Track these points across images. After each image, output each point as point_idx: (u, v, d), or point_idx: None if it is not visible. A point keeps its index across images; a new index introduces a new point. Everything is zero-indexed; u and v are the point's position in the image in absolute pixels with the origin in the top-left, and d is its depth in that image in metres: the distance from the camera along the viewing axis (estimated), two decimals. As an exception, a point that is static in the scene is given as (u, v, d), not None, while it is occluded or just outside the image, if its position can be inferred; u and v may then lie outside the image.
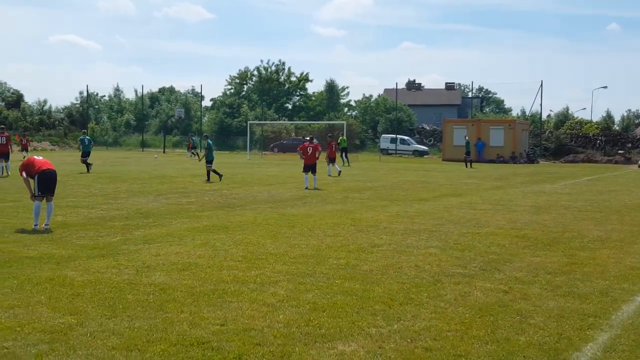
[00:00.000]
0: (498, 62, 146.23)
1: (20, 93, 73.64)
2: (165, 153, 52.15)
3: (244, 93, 73.52)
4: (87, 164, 25.70)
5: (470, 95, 76.08)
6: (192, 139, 47.95)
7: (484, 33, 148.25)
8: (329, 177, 25.09)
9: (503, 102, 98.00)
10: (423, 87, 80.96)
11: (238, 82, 74.53)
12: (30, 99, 78.97)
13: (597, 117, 79.26)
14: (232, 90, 74.36)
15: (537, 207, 15.69)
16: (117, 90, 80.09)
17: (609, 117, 73.79)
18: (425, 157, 51.40)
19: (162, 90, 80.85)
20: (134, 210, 13.64)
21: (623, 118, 79.21)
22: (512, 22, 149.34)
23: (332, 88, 71.31)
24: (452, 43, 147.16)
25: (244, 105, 66.73)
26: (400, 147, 53.47)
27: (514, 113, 76.63)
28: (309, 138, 22.53)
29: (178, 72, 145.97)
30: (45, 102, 71.80)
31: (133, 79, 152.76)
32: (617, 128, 69.70)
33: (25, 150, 32.77)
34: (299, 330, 5.59)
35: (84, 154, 26.24)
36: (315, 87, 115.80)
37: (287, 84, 73.79)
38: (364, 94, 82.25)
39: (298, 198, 17.02)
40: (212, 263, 8.32)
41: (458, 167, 35.83)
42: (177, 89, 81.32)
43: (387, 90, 71.21)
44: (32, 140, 48.14)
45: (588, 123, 62.16)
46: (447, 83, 79.86)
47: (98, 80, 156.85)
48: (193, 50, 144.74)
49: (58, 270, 7.75)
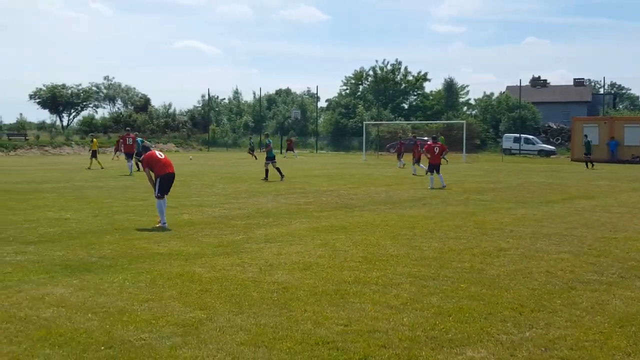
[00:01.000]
0: (633, 55, 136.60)
1: (148, 97, 78.43)
2: (282, 154, 53.41)
3: (360, 93, 73.63)
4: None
5: (602, 92, 71.69)
6: (250, 141, 48.62)
7: (616, 25, 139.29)
8: (414, 175, 25.99)
9: (638, 98, 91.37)
10: (549, 83, 77.20)
11: (353, 82, 74.75)
12: (157, 103, 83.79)
13: None
14: (347, 91, 74.69)
15: (679, 210, 14.42)
16: (236, 93, 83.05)
17: None
18: (552, 157, 48.93)
19: (278, 92, 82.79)
20: (255, 210, 14.00)
21: None
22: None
23: (450, 86, 69.72)
24: (580, 37, 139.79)
25: (360, 106, 66.90)
26: (525, 146, 51.40)
27: (652, 110, 71.53)
28: (433, 137, 22.45)
29: (294, 73, 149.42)
30: (170, 105, 75.63)
31: (251, 82, 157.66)
32: None
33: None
34: (425, 334, 5.43)
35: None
36: (433, 85, 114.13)
37: (403, 84, 73.10)
38: (485, 92, 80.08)
39: (417, 199, 16.75)
40: (332, 263, 8.33)
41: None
42: (293, 91, 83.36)
43: (509, 88, 68.67)
44: (158, 142, 50.80)
45: None
46: (575, 79, 75.53)
47: (218, 83, 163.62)
48: (309, 52, 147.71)
49: (187, 267, 8.08)
